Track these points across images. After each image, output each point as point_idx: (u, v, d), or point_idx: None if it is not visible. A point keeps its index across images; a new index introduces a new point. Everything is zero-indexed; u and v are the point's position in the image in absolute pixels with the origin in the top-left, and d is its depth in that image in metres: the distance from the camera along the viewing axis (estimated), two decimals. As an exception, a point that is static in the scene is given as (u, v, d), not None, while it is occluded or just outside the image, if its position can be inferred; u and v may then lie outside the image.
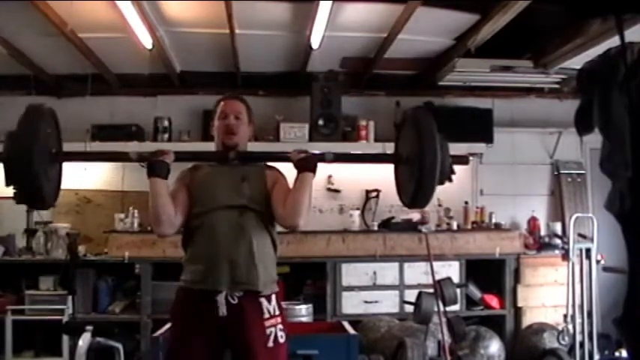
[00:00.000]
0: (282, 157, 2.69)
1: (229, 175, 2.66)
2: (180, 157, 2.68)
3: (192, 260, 2.61)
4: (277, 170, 2.75)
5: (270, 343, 2.53)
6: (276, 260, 2.70)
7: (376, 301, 5.53)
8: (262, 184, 2.66)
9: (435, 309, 4.43)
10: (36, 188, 2.39)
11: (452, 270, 5.45)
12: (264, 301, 2.56)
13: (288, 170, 2.69)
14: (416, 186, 2.48)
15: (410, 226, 5.64)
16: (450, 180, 2.53)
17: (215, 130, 2.76)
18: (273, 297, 2.60)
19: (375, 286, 5.56)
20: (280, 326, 2.57)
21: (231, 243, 2.54)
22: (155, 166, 2.56)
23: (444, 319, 4.46)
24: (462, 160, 2.67)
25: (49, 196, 2.51)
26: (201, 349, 2.51)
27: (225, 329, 2.50)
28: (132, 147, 5.64)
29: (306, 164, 2.59)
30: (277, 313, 2.58)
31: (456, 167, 2.61)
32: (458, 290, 4.74)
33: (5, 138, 2.42)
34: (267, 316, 2.54)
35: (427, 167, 2.42)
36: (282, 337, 2.57)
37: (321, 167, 2.63)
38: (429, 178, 2.43)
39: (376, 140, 5.94)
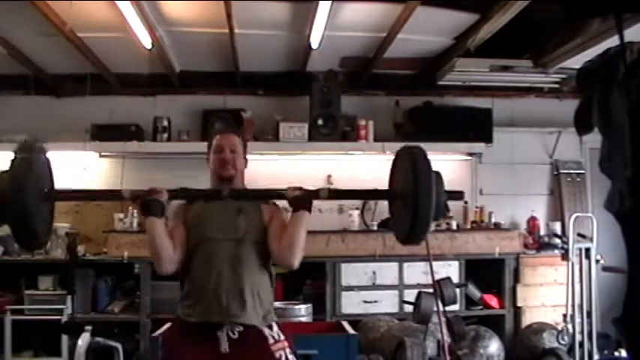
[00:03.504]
0: (278, 194, 2.64)
1: (224, 208, 2.63)
2: (173, 195, 2.61)
3: (188, 293, 2.58)
4: (273, 203, 2.73)
5: None
6: (273, 293, 2.66)
7: (375, 301, 5.53)
8: (258, 216, 2.63)
9: (435, 309, 4.43)
10: (29, 229, 2.36)
11: (451, 270, 5.45)
12: (265, 329, 2.53)
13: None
14: (411, 224, 2.46)
15: (409, 226, 5.63)
16: (445, 217, 2.53)
17: (211, 165, 2.74)
18: (274, 325, 2.57)
19: (374, 286, 5.55)
20: (288, 350, 2.53)
21: (227, 276, 2.51)
22: (150, 206, 2.52)
23: (443, 319, 4.45)
24: (457, 195, 2.67)
25: (41, 235, 2.48)
26: None
27: None
28: (131, 146, 5.68)
29: (302, 203, 2.56)
30: (282, 338, 2.55)
31: (455, 166, 2.61)
32: (457, 290, 4.74)
33: None
34: (271, 341, 2.51)
35: (422, 205, 2.39)
36: (292, 359, 2.53)
37: (321, 167, 2.63)
38: (423, 215, 2.41)
39: (375, 140, 5.93)
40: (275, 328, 2.57)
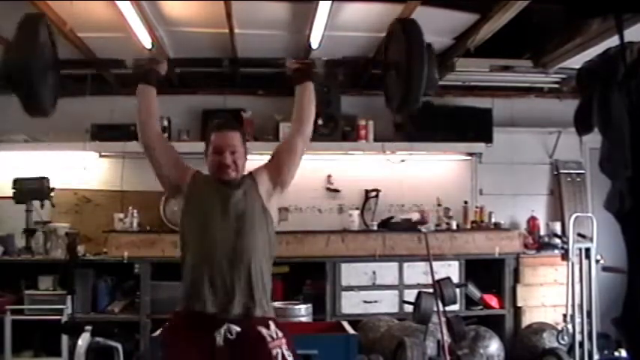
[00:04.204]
0: (279, 64, 2.86)
1: (225, 196, 2.60)
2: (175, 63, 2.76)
3: (189, 285, 2.56)
4: (259, 167, 2.74)
5: None
6: (270, 285, 2.63)
7: (375, 301, 5.53)
8: (255, 194, 2.62)
9: (435, 309, 4.43)
10: (34, 95, 2.53)
11: (451, 270, 5.45)
12: (262, 329, 2.49)
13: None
14: (404, 91, 2.54)
15: (409, 226, 5.64)
16: (436, 88, 2.62)
17: (209, 165, 2.65)
18: (271, 323, 2.54)
19: (374, 286, 5.55)
20: (285, 347, 2.50)
21: (228, 268, 2.50)
22: (147, 73, 2.67)
23: (443, 319, 4.46)
24: (448, 66, 2.79)
25: (47, 102, 2.64)
26: None
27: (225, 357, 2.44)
28: (131, 146, 5.64)
29: (303, 75, 2.80)
30: (280, 335, 2.52)
31: (455, 166, 2.66)
32: (457, 290, 4.75)
33: (5, 48, 2.51)
34: (269, 339, 2.48)
35: (415, 72, 2.50)
36: (289, 356, 2.49)
37: (321, 167, 2.64)
38: (415, 86, 2.48)
39: (375, 140, 5.93)
40: (272, 326, 2.53)
